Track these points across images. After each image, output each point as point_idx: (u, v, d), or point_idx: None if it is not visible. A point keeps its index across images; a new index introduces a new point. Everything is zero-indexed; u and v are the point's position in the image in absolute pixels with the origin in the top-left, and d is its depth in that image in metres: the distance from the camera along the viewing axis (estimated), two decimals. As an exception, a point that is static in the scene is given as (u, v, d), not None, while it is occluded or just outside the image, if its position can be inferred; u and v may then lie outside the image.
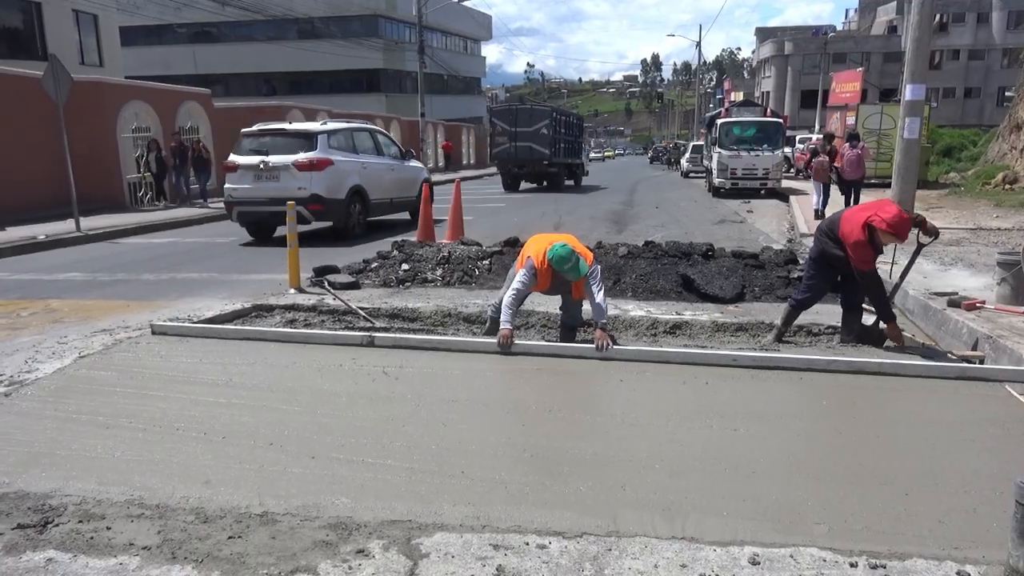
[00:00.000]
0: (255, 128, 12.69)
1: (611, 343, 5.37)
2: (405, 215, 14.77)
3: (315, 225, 12.70)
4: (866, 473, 3.46)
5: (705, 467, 3.53)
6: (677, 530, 2.95)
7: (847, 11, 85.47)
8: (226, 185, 12.45)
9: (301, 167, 11.71)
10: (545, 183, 25.68)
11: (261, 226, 12.61)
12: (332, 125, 13.00)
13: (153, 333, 6.06)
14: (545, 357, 5.35)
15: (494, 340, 5.48)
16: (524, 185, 26.20)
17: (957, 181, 21.62)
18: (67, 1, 24.10)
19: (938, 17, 50.06)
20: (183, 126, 20.84)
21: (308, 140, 12.04)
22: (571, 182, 27.36)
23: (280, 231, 11.23)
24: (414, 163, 15.16)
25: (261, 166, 11.83)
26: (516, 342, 5.44)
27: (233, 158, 12.35)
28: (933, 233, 5.59)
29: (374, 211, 13.31)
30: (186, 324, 6.24)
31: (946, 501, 3.18)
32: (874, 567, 2.68)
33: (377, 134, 14.19)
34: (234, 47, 49.51)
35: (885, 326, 5.62)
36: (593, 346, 5.33)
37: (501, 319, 5.49)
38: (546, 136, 24.22)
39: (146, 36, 47.48)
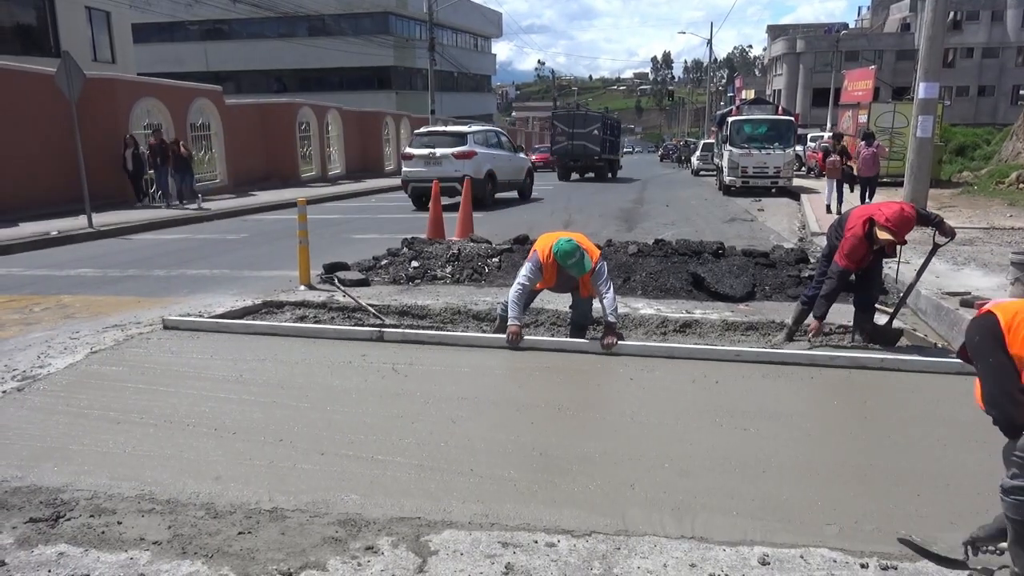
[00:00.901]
0: (424, 130, 18.73)
1: (617, 343, 5.36)
2: (514, 193, 19.81)
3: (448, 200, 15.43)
4: (877, 474, 3.44)
5: (715, 466, 3.52)
6: (686, 529, 2.94)
7: (860, 8, 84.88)
8: (403, 169, 17.58)
9: (457, 156, 16.76)
10: (593, 174, 29.80)
11: (424, 196, 15.93)
12: (475, 128, 18.97)
13: (165, 328, 6.10)
14: (553, 354, 5.35)
15: (503, 336, 5.50)
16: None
17: (970, 180, 21.46)
18: (80, -2, 24.25)
19: (952, 15, 49.69)
20: (194, 122, 20.92)
21: (461, 138, 17.33)
22: (609, 174, 31.01)
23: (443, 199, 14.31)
24: (521, 155, 20.71)
25: (430, 156, 16.89)
26: (525, 338, 5.46)
27: (409, 150, 17.57)
28: (950, 234, 5.53)
29: (499, 188, 18.40)
30: (197, 319, 6.29)
31: (958, 503, 3.15)
32: (885, 568, 2.66)
33: (500, 135, 19.87)
34: (245, 44, 49.65)
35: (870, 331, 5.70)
36: (600, 341, 5.37)
37: (509, 315, 5.51)
38: (597, 136, 28.64)
39: (158, 33, 47.67)
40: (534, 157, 33.43)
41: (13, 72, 15.97)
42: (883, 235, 5.26)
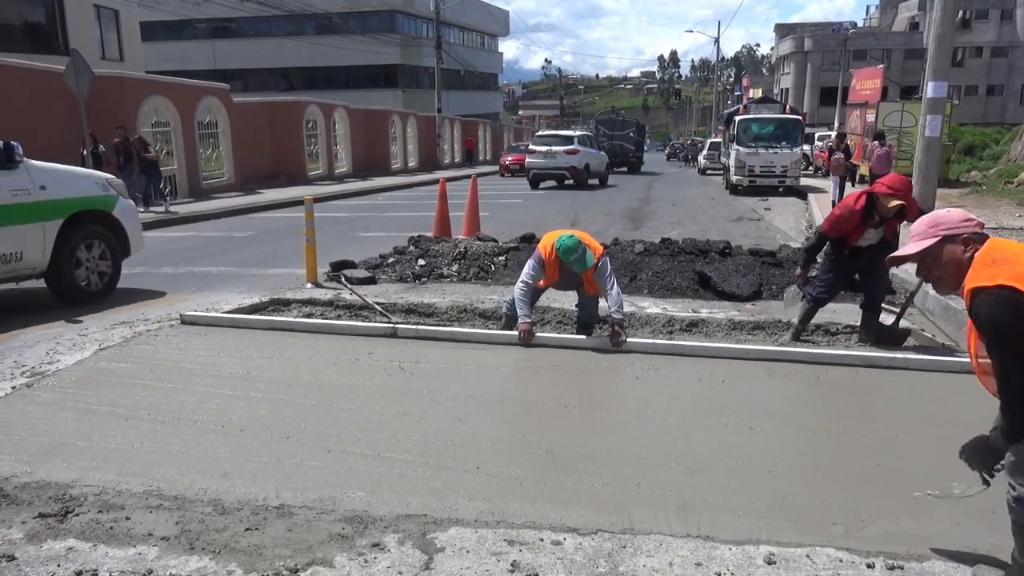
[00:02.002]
0: (542, 133, 29.33)
1: (626, 339, 5.39)
2: (596, 181, 26.23)
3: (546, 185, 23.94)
4: (883, 473, 3.43)
5: (721, 465, 3.52)
6: (692, 528, 2.94)
7: (868, 7, 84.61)
8: (527, 160, 25.48)
9: (567, 153, 24.16)
10: (627, 168, 35.44)
11: (540, 180, 24.76)
12: (578, 132, 29.33)
13: (183, 323, 6.19)
14: (559, 352, 5.35)
15: (514, 333, 5.56)
16: (545, 183, 26.82)
17: (979, 180, 21.37)
18: (89, -4, 24.33)
19: (961, 13, 49.46)
20: (201, 120, 20.96)
21: (569, 140, 25.32)
22: (640, 167, 37.44)
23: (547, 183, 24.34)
24: (602, 153, 27.75)
25: (548, 151, 24.46)
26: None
27: (532, 147, 25.68)
28: None
29: (591, 177, 25.46)
30: (214, 314, 6.38)
31: (964, 503, 3.13)
32: (891, 568, 2.66)
33: (589, 137, 27.95)
34: (253, 42, 49.78)
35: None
36: (608, 338, 5.41)
37: (519, 313, 5.54)
38: (632, 138, 35.71)
39: (166, 31, 47.81)
40: (509, 158, 34.23)
41: (22, 70, 16.04)
42: (892, 202, 5.19)
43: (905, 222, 5.41)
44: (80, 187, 7.32)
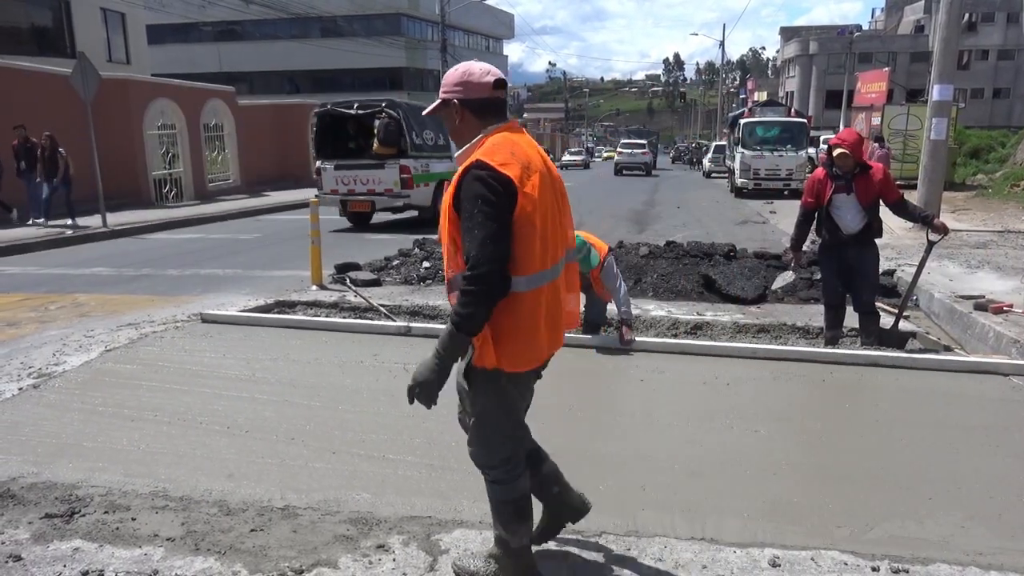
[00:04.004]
0: (627, 140, 43.01)
1: (635, 338, 5.45)
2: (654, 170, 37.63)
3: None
4: (888, 477, 3.43)
5: (725, 468, 3.52)
6: (697, 531, 2.94)
7: (873, 10, 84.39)
8: (616, 159, 39.63)
9: (643, 153, 39.14)
10: (641, 173, 39.65)
11: (624, 170, 37.96)
12: (648, 140, 46.14)
13: (203, 321, 6.33)
14: (563, 355, 5.34)
15: None
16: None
17: (985, 183, 21.31)
18: (95, -1, 24.46)
19: (967, 16, 49.30)
20: (207, 123, 21.02)
21: (643, 145, 40.36)
22: (653, 171, 42.95)
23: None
24: (655, 154, 42.18)
25: (631, 152, 39.06)
26: None
27: (620, 149, 40.58)
28: (941, 230, 5.42)
29: (653, 168, 40.65)
30: (234, 313, 6.53)
31: (969, 507, 3.14)
32: (896, 571, 2.66)
33: (651, 143, 43.21)
34: (258, 45, 49.92)
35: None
36: (616, 337, 5.45)
37: None
38: (647, 146, 43.07)
39: (172, 34, 48.00)
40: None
41: (29, 73, 16.12)
42: (836, 151, 5.31)
43: (884, 204, 5.45)
44: None
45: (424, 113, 2.56)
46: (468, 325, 2.20)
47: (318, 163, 13.98)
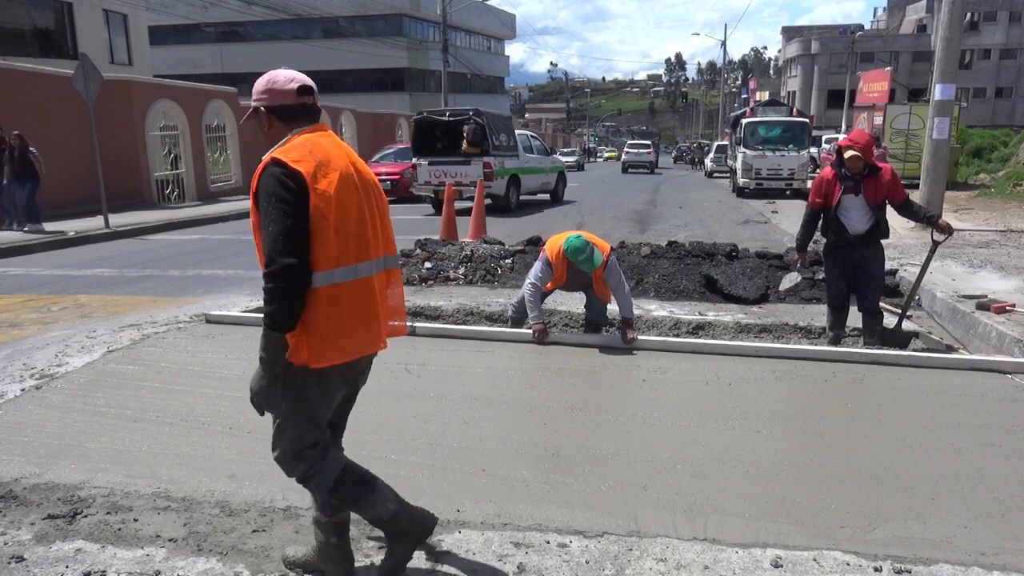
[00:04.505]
0: (633, 141, 47.61)
1: (639, 337, 5.50)
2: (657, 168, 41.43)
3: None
4: (891, 477, 3.42)
5: (727, 468, 3.51)
6: (699, 531, 2.94)
7: (876, 10, 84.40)
8: (624, 155, 43.00)
9: (647, 152, 42.00)
10: (646, 171, 41.92)
11: (631, 168, 41.26)
12: (653, 141, 53.42)
13: (207, 322, 6.31)
14: (565, 355, 5.35)
15: (527, 331, 5.69)
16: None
17: (987, 182, 21.29)
18: (98, 1, 24.47)
19: (969, 16, 49.26)
20: (209, 124, 21.04)
21: (647, 145, 43.26)
22: (656, 169, 44.92)
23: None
24: (657, 154, 43.46)
25: (636, 152, 42.32)
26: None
27: (627, 149, 43.41)
28: (946, 230, 5.41)
29: (655, 166, 42.88)
30: (238, 314, 6.53)
31: (973, 507, 3.13)
32: (899, 572, 2.65)
33: (655, 144, 47.30)
34: (260, 46, 49.93)
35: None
36: (618, 337, 5.50)
37: (530, 314, 5.62)
38: (649, 146, 45.36)
39: (174, 35, 48.07)
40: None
41: (31, 74, 16.14)
42: (847, 153, 5.27)
43: (889, 205, 5.44)
44: None
45: (240, 122, 2.60)
46: (275, 322, 2.24)
47: (414, 160, 16.91)
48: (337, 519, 2.59)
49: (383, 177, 20.12)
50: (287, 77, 2.47)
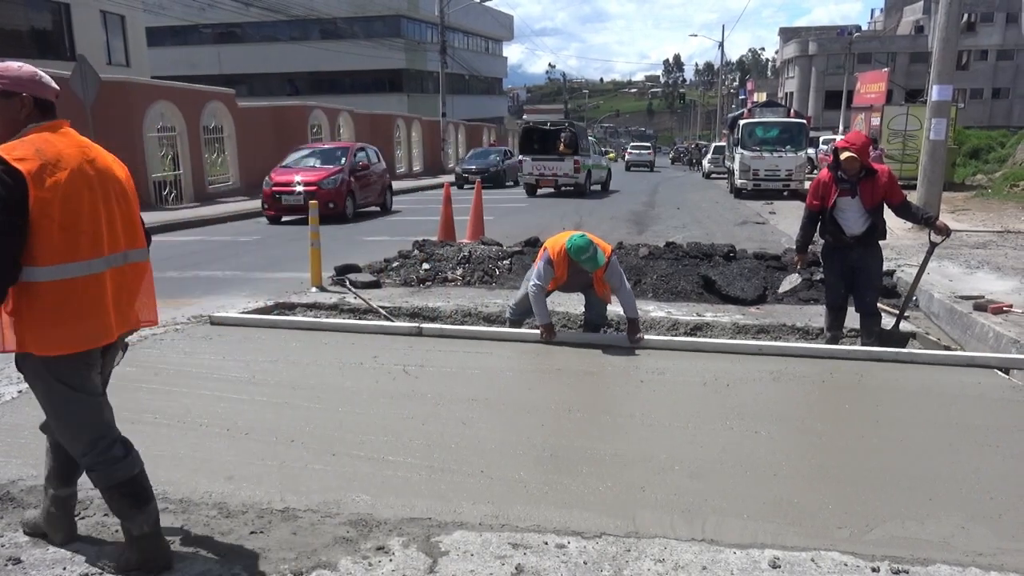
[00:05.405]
0: (635, 143, 55.48)
1: (644, 337, 5.55)
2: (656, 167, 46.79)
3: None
4: (889, 477, 3.43)
5: (725, 469, 3.52)
6: (697, 532, 2.94)
7: (872, 11, 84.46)
8: (627, 155, 49.14)
9: (648, 153, 48.39)
10: (646, 169, 45.46)
11: (633, 167, 45.48)
12: (651, 143, 61.88)
13: (212, 324, 6.32)
14: (564, 356, 5.36)
15: (530, 332, 5.75)
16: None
17: (984, 183, 21.33)
18: (95, 2, 24.44)
19: (966, 17, 49.32)
20: (207, 125, 21.02)
21: (647, 147, 50.20)
22: (655, 168, 48.45)
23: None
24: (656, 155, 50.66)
25: (638, 152, 48.09)
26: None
27: (630, 149, 49.92)
28: (944, 231, 5.42)
29: (654, 166, 48.57)
30: (243, 315, 6.57)
31: (970, 507, 3.14)
32: (896, 572, 2.65)
33: (654, 146, 55.97)
34: (258, 47, 49.92)
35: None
36: (618, 337, 5.55)
37: (537, 314, 5.70)
38: (648, 148, 50.23)
39: (172, 36, 47.98)
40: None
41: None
42: (844, 154, 5.29)
43: (887, 206, 5.44)
44: None
45: None
46: None
47: (519, 157, 23.63)
48: (61, 494, 2.79)
49: (296, 189, 15.10)
50: (18, 69, 2.55)
